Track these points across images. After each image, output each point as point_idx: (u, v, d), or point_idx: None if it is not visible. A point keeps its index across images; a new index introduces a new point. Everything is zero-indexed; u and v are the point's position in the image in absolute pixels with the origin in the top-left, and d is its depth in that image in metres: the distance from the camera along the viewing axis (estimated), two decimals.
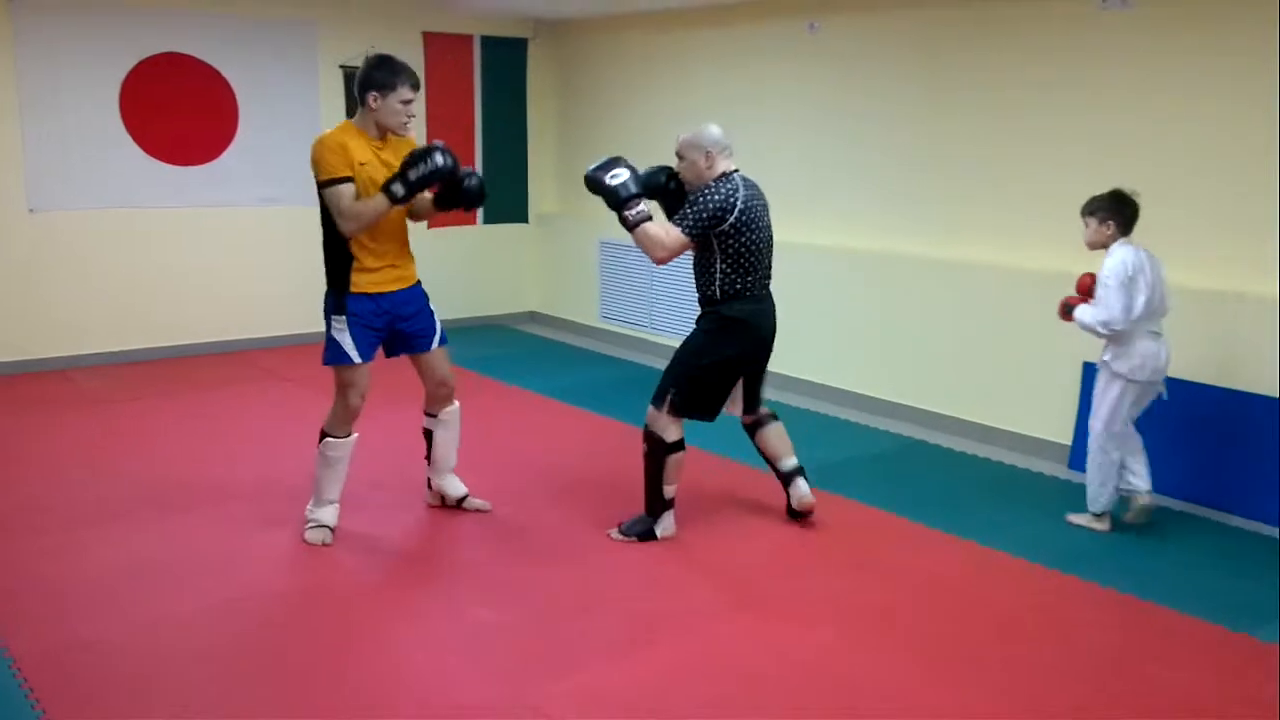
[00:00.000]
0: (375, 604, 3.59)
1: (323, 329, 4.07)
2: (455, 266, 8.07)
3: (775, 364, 6.71)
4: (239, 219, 7.26)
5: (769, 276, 4.19)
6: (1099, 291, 4.12)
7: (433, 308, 4.24)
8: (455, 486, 4.48)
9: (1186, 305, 4.69)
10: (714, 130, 4.11)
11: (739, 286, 4.06)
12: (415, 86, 3.94)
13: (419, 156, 3.83)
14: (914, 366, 5.88)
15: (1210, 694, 3.10)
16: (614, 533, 4.19)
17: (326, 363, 4.04)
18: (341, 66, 7.49)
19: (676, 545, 4.11)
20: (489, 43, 8.14)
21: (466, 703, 3.00)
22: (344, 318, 3.97)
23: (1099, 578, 3.84)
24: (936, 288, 5.71)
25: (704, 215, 3.95)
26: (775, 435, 4.39)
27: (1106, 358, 4.24)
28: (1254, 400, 4.49)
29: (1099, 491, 4.32)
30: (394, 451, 5.08)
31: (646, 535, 4.14)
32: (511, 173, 8.46)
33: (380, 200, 3.82)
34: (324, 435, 4.09)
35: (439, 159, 3.82)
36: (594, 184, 4.07)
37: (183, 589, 3.65)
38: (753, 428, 4.42)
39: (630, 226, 4.00)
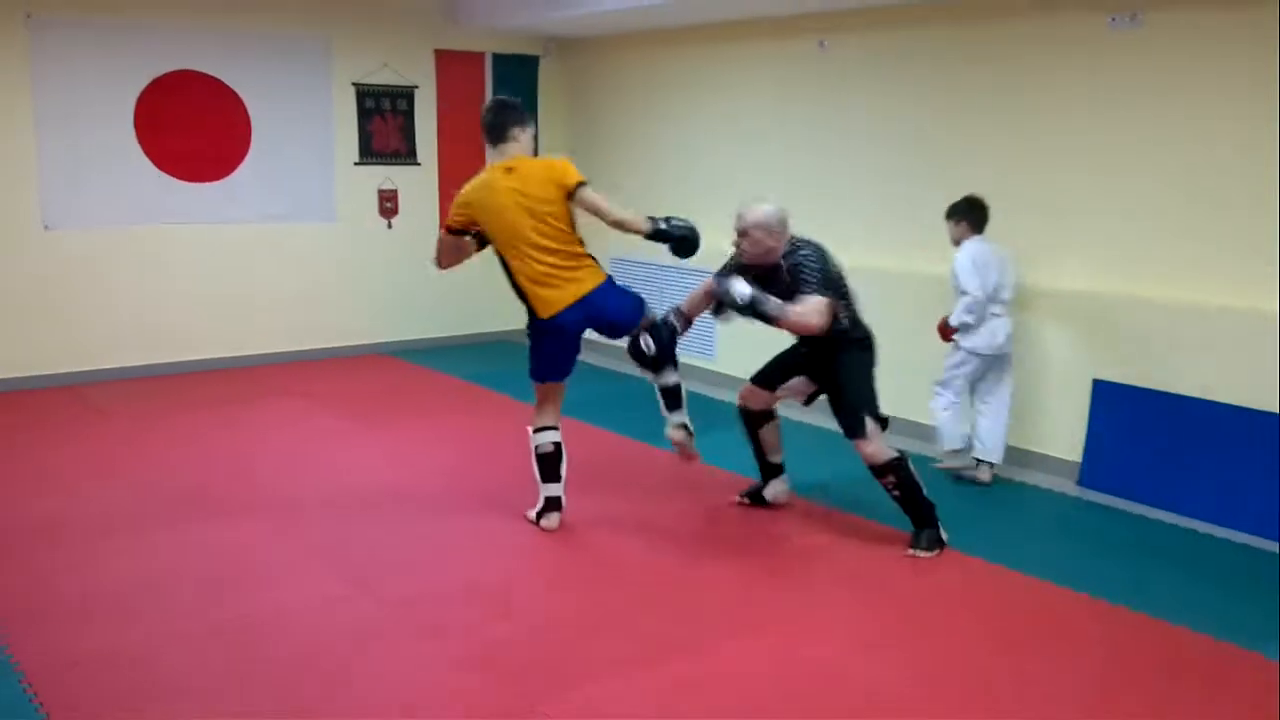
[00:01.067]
0: (389, 619, 3.60)
1: (334, 344, 4.14)
2: (465, 283, 8.05)
3: None
4: (252, 236, 7.31)
5: None
6: (956, 282, 4.94)
7: None
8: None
9: (1191, 322, 4.70)
10: (777, 210, 4.29)
11: (854, 312, 4.36)
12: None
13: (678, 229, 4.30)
14: (922, 383, 5.87)
15: (1220, 713, 3.09)
16: (917, 552, 4.21)
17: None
18: (355, 84, 7.56)
19: (688, 563, 4.12)
20: (500, 60, 8.20)
21: (477, 714, 3.00)
22: None
23: (1108, 595, 3.83)
24: (945, 305, 5.70)
25: (818, 272, 4.17)
26: (777, 430, 4.67)
27: (985, 345, 4.97)
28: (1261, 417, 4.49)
29: (953, 431, 5.10)
30: (407, 467, 5.10)
31: (939, 542, 4.24)
32: None
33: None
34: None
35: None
36: (733, 304, 4.22)
37: (194, 603, 3.66)
38: (766, 415, 4.63)
39: (775, 319, 4.16)
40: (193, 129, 6.98)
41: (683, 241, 4.29)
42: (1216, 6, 4.61)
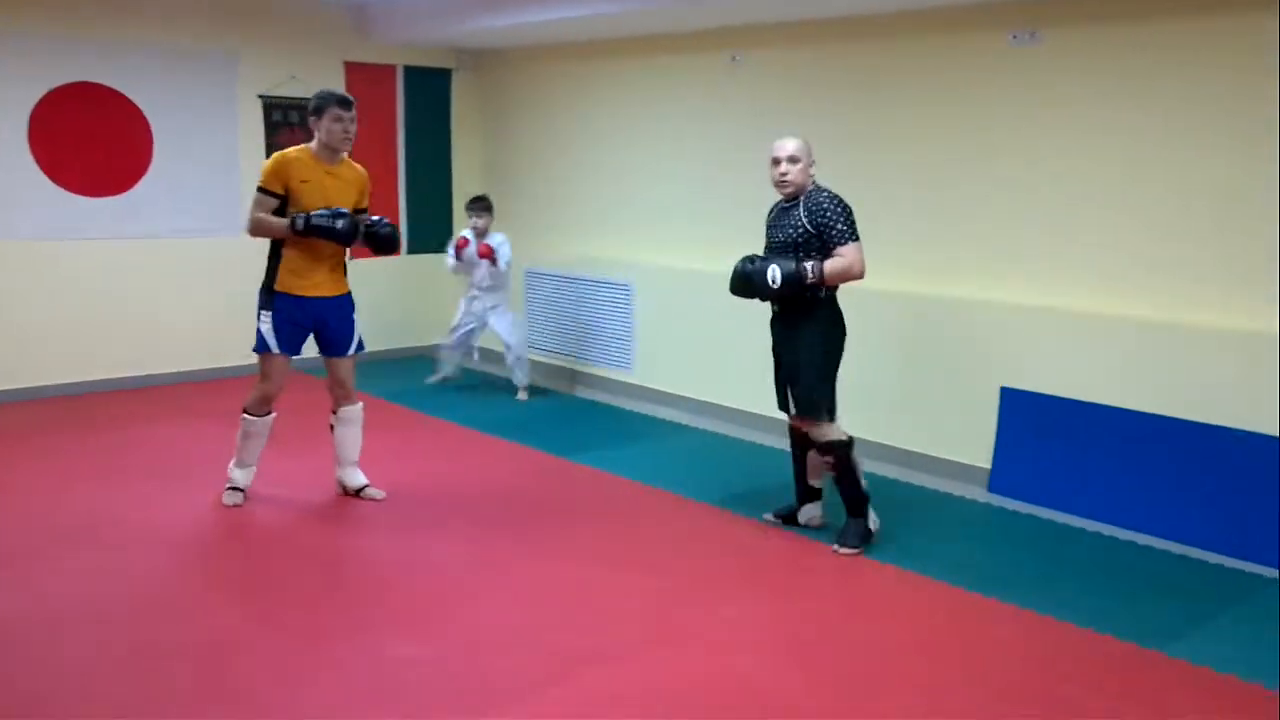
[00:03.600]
0: (293, 648, 3.50)
1: (240, 362, 4.19)
2: (379, 297, 7.97)
3: (701, 391, 6.77)
4: (154, 251, 7.10)
5: None
6: (500, 255, 6.89)
7: (355, 318, 4.77)
8: (354, 477, 4.92)
9: (1094, 331, 4.84)
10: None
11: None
12: (346, 104, 4.51)
13: (332, 214, 4.46)
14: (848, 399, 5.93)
15: (1124, 711, 3.16)
16: (841, 549, 4.29)
17: (254, 350, 4.61)
18: (261, 97, 7.40)
19: (594, 578, 4.08)
20: (412, 73, 8.11)
21: None
22: (270, 312, 4.54)
23: (1017, 599, 3.90)
24: (855, 315, 5.77)
25: (852, 217, 4.22)
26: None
27: (499, 304, 7.08)
28: (1194, 429, 4.63)
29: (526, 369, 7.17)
30: (316, 489, 4.99)
31: (865, 535, 4.33)
32: (436, 203, 8.42)
33: (283, 223, 4.46)
34: (244, 412, 4.66)
35: (339, 225, 4.44)
36: (767, 287, 4.23)
37: (94, 636, 3.51)
38: (809, 439, 4.50)
39: (823, 282, 4.18)
40: (91, 142, 6.75)
41: (313, 230, 4.43)
42: (1115, 22, 4.77)
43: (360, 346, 4.82)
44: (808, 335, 4.32)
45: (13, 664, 3.31)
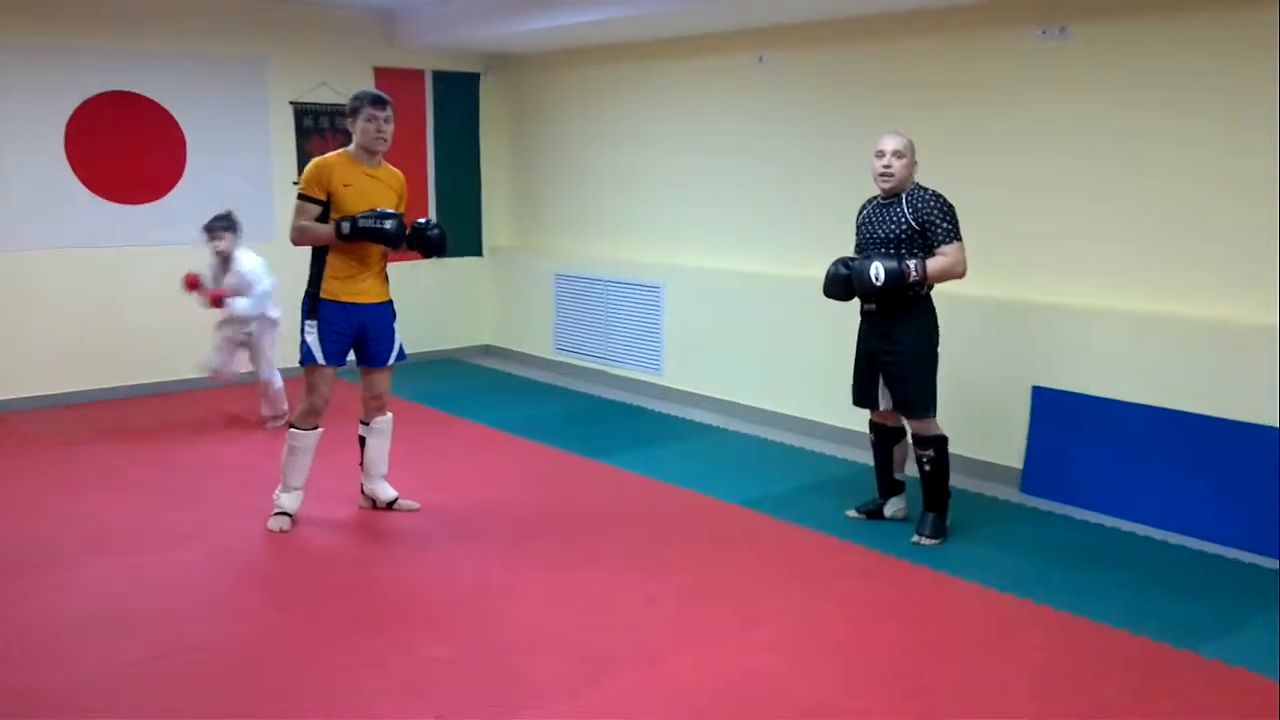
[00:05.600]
0: (326, 648, 3.53)
1: (278, 366, 4.19)
2: (409, 300, 7.94)
3: (732, 392, 6.76)
4: (188, 257, 7.15)
5: None
6: (251, 287, 5.88)
7: (395, 327, 4.65)
8: (385, 491, 4.79)
9: (1123, 328, 4.79)
10: None
11: None
12: (379, 104, 4.44)
13: (378, 215, 4.31)
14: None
15: (1157, 712, 3.13)
16: (922, 539, 4.39)
17: (300, 362, 4.47)
18: (292, 103, 7.48)
19: (624, 580, 4.09)
20: (441, 77, 8.16)
21: None
22: (315, 322, 4.41)
23: (1051, 600, 3.87)
24: None
25: (955, 216, 4.27)
26: (906, 448, 4.62)
27: (274, 315, 6.05)
28: (1187, 419, 4.58)
29: (282, 398, 6.21)
30: (345, 488, 5.03)
31: (943, 530, 4.44)
32: (465, 207, 8.47)
33: (327, 229, 4.34)
34: (291, 427, 4.53)
35: (388, 226, 4.29)
36: (870, 284, 4.21)
37: (125, 637, 3.56)
38: (901, 432, 4.58)
39: (925, 280, 4.22)
40: (126, 150, 6.85)
41: (361, 233, 4.29)
42: (1146, 16, 4.72)
43: (401, 355, 4.68)
44: (910, 335, 4.35)
45: (39, 666, 3.36)
